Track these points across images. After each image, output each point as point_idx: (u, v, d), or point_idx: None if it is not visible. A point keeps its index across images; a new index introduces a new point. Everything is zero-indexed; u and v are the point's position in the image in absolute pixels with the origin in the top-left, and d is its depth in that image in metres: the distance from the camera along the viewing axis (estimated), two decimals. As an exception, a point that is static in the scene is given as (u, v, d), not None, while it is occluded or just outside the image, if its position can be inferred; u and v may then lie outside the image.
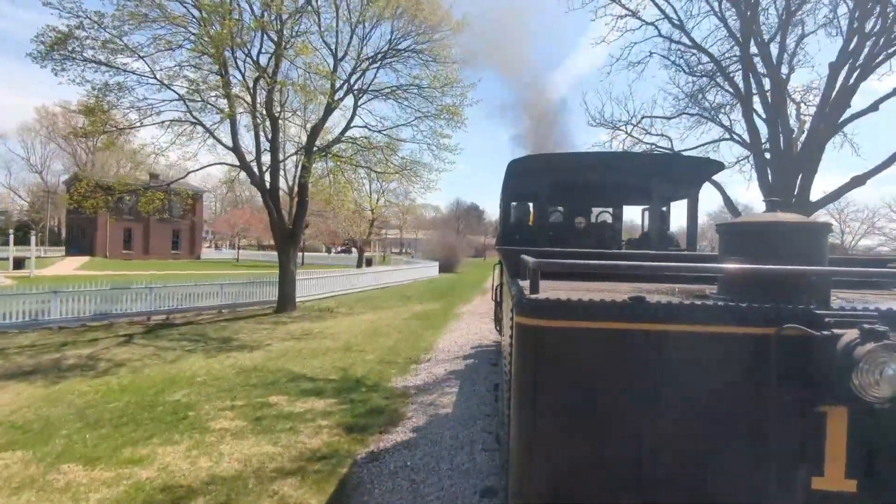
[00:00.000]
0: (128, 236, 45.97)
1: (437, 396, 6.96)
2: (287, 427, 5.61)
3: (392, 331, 12.11)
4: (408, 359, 9.17)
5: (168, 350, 9.52)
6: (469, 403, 6.62)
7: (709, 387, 1.78)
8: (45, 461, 4.68)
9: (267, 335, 11.23)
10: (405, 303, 18.15)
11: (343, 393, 6.95)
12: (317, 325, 12.78)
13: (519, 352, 1.99)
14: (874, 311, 1.74)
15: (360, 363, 8.73)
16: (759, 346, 1.74)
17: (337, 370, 8.23)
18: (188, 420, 5.77)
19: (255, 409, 6.20)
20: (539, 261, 2.03)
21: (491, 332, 11.78)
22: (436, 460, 4.92)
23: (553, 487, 1.85)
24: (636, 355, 1.82)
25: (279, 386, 7.23)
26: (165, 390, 6.91)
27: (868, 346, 1.53)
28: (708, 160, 5.74)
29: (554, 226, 7.09)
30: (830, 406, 1.70)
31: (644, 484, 1.80)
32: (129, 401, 6.42)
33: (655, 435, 1.80)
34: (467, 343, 10.79)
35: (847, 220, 41.01)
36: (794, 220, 2.06)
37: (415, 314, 15.15)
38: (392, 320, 13.84)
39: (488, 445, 5.14)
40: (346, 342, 10.51)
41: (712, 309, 1.82)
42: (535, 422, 1.90)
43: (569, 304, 1.83)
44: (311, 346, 10.02)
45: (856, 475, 1.70)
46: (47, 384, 7.15)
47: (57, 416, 5.85)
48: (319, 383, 7.44)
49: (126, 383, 7.25)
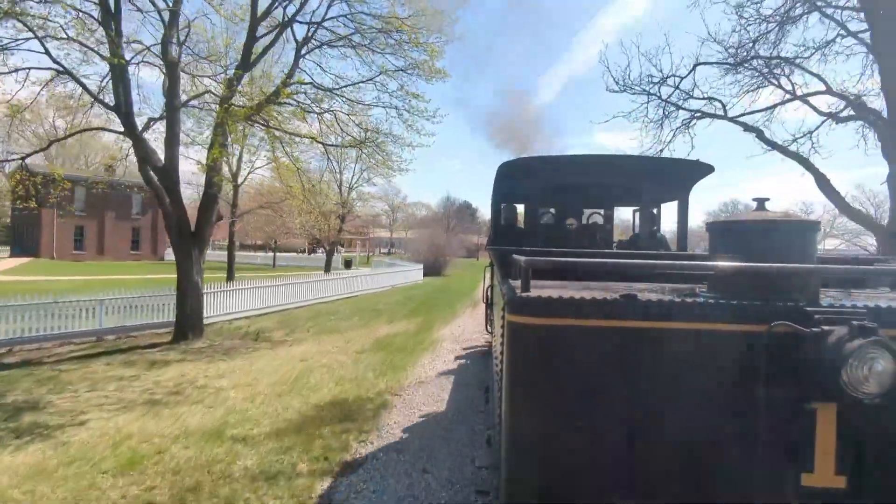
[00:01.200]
0: (80, 235, 41.21)
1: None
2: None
3: (326, 380, 7.74)
4: (319, 468, 4.80)
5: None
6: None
7: (699, 384, 1.79)
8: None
9: (115, 392, 6.83)
10: (370, 321, 13.76)
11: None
12: (216, 366, 8.39)
13: (510, 350, 1.97)
14: (863, 308, 1.75)
15: (210, 483, 4.35)
16: (750, 344, 1.75)
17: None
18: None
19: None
20: (531, 259, 2.02)
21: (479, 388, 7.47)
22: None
23: (544, 486, 1.84)
24: (627, 353, 1.81)
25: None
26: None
27: (857, 343, 1.55)
28: (698, 163, 5.25)
29: (545, 227, 6.93)
30: (820, 402, 1.69)
31: (635, 482, 1.79)
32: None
33: (646, 433, 1.79)
34: (444, 412, 6.45)
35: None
36: (782, 219, 2.03)
37: (375, 342, 10.77)
38: (338, 355, 9.47)
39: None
40: (227, 413, 6.12)
41: (703, 306, 1.83)
42: (526, 420, 1.89)
43: (560, 302, 1.84)
44: (155, 429, 5.62)
45: (845, 471, 1.70)
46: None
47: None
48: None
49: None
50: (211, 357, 9.06)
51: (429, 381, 7.83)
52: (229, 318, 13.17)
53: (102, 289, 11.52)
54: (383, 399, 6.82)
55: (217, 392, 6.96)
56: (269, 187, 17.46)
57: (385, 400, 6.79)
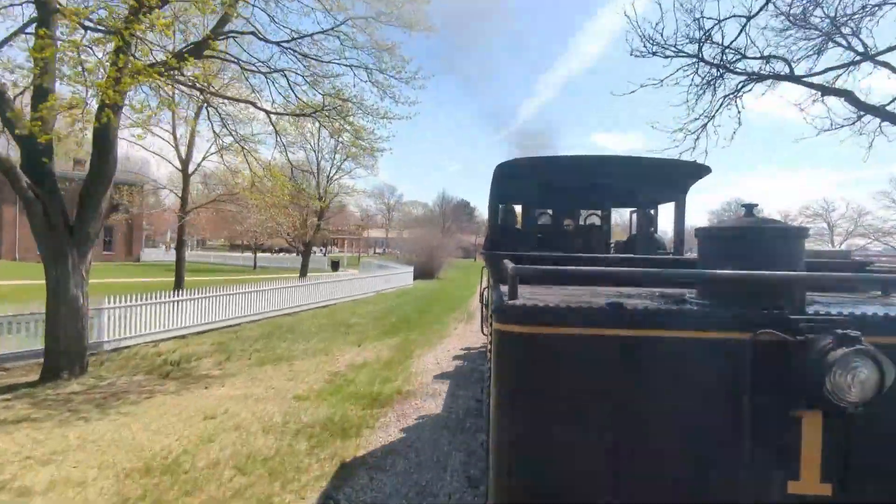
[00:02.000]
0: (46, 234, 38.13)
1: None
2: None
3: (223, 464, 4.84)
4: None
5: None
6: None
7: (685, 391, 1.79)
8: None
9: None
10: (334, 342, 10.84)
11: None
12: (64, 432, 5.46)
13: (498, 357, 1.98)
14: (847, 317, 1.76)
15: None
16: (735, 352, 1.75)
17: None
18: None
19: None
20: (518, 266, 2.03)
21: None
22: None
23: (532, 492, 1.85)
24: (613, 360, 1.82)
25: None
26: None
27: (841, 351, 1.55)
28: (696, 164, 5.38)
29: (542, 228, 6.87)
30: (805, 410, 1.70)
31: (621, 489, 1.80)
32: None
33: (632, 439, 1.80)
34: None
35: (836, 220, 41.92)
36: (770, 225, 2.05)
37: (329, 381, 7.86)
38: (268, 404, 6.57)
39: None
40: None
41: (688, 314, 1.85)
42: (514, 427, 1.90)
43: (547, 310, 1.84)
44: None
45: (831, 479, 1.71)
46: None
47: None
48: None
49: None
50: (74, 411, 6.13)
51: (392, 467, 4.92)
52: (154, 340, 10.24)
53: (34, 298, 8.61)
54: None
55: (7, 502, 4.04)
56: (223, 175, 14.47)
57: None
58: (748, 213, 2.10)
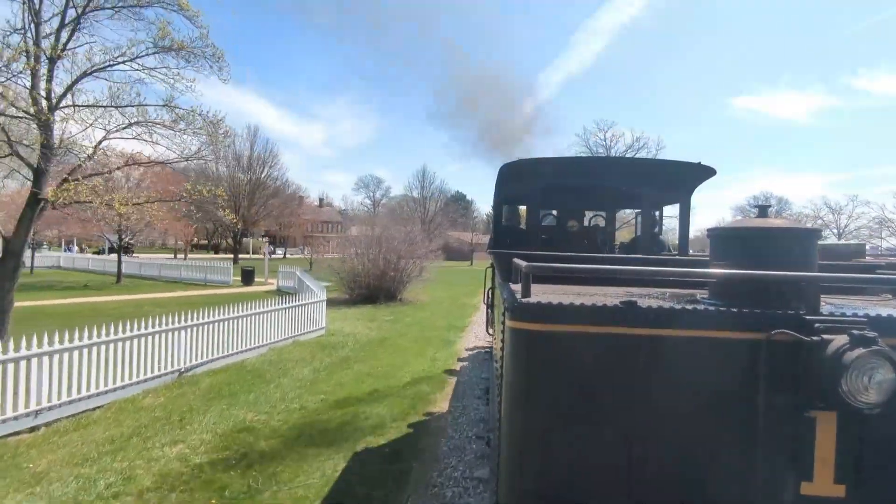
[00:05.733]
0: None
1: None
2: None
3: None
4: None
5: None
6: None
7: (699, 391, 1.76)
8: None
9: None
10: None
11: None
12: None
13: (510, 355, 1.95)
14: (863, 317, 1.72)
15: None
16: (750, 351, 1.73)
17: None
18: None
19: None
20: (531, 265, 1.99)
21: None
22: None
23: (544, 490, 1.82)
24: (627, 359, 1.79)
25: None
26: None
27: (857, 352, 1.52)
28: (701, 166, 5.16)
29: (546, 229, 6.91)
30: (820, 411, 1.67)
31: (634, 488, 1.77)
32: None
33: (645, 438, 1.78)
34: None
35: (855, 217, 42.03)
36: (783, 226, 2.05)
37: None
38: None
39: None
40: None
41: (703, 313, 1.81)
42: (526, 425, 1.87)
43: (560, 308, 1.81)
44: None
45: (844, 480, 1.69)
46: None
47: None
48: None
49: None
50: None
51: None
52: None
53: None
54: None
55: None
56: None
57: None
58: (761, 215, 2.10)
